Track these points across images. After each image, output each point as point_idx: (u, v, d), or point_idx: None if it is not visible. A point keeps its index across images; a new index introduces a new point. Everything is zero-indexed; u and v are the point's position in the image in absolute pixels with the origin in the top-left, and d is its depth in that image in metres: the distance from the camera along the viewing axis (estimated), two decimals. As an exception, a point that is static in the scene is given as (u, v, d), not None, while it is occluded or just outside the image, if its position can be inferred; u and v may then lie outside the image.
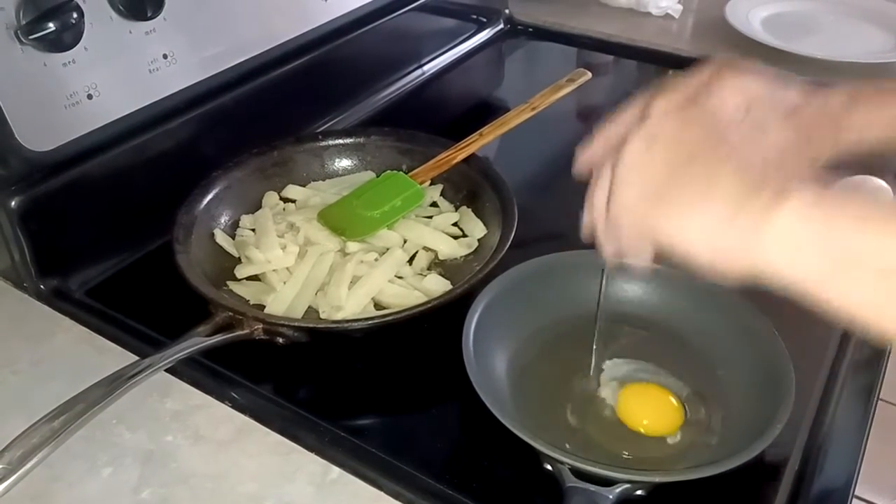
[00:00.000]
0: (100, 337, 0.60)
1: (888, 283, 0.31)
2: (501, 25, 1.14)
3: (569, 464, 0.48)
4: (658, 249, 0.37)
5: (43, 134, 0.60)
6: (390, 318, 0.58)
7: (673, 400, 0.54)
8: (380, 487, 0.49)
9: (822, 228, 0.32)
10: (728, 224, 0.33)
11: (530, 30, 1.14)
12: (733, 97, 0.43)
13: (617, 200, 0.39)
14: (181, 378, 0.57)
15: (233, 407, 0.55)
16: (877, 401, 0.57)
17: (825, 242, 0.32)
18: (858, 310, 0.32)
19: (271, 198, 0.73)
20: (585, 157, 0.43)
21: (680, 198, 0.35)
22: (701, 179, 0.34)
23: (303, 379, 0.60)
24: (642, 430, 0.53)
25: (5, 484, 0.44)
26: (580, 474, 0.47)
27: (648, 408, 0.52)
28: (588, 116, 1.01)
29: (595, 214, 0.41)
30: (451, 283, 0.64)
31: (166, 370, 0.55)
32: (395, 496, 0.49)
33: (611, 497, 0.47)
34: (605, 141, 0.42)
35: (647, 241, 0.38)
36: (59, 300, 0.64)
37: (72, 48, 0.59)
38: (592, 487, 0.47)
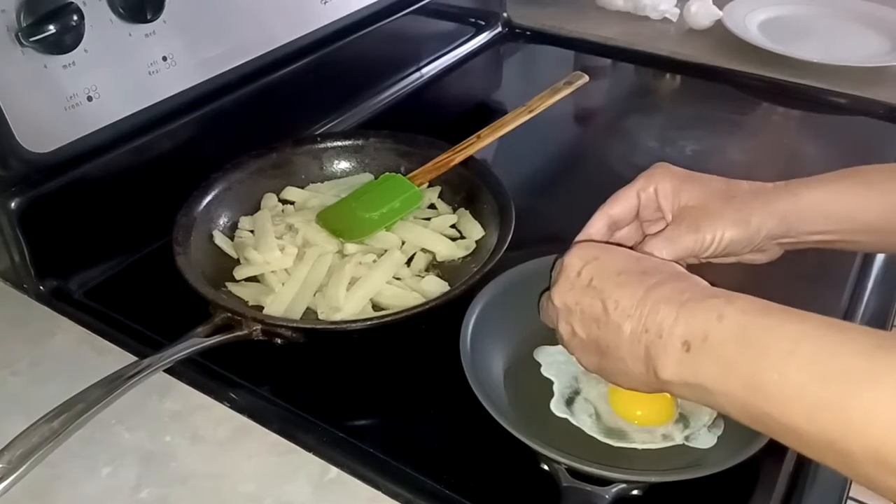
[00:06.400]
0: (99, 338, 0.61)
1: (765, 423, 0.38)
2: (499, 28, 1.14)
3: (565, 464, 0.48)
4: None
5: (43, 135, 0.61)
6: (388, 319, 0.58)
7: None
8: (378, 487, 0.50)
9: (696, 382, 0.41)
10: (647, 378, 0.44)
11: (528, 33, 1.15)
12: (658, 177, 0.54)
13: (582, 366, 0.50)
14: (180, 378, 0.57)
15: (231, 407, 0.55)
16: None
17: (704, 391, 0.41)
18: (756, 429, 0.40)
19: (270, 199, 0.73)
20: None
21: (613, 371, 0.47)
22: (615, 350, 0.45)
23: (301, 379, 0.60)
24: (636, 421, 0.53)
25: (5, 483, 0.45)
26: (577, 474, 0.48)
27: (642, 397, 0.52)
28: (585, 119, 1.01)
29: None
30: (449, 285, 0.64)
31: (165, 371, 0.55)
32: (393, 496, 0.49)
33: (607, 497, 0.47)
34: (548, 315, 0.52)
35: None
36: (59, 301, 0.65)
37: (72, 50, 0.60)
38: (589, 487, 0.47)
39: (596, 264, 0.48)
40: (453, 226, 0.71)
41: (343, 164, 0.77)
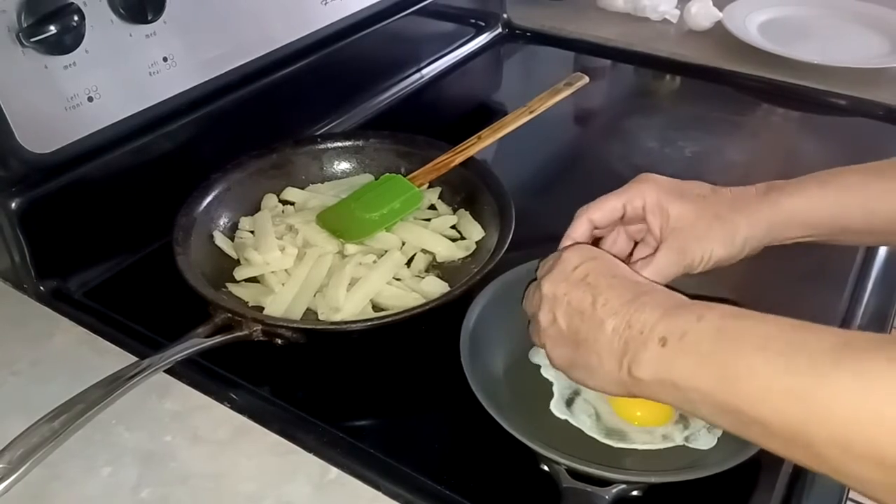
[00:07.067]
0: (99, 338, 0.61)
1: (733, 419, 0.39)
2: (500, 29, 1.14)
3: (565, 464, 0.48)
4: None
5: (43, 136, 0.61)
6: (388, 319, 0.58)
7: None
8: (378, 488, 0.50)
9: (670, 377, 0.42)
10: (618, 377, 0.45)
11: (528, 34, 1.15)
12: (644, 189, 0.54)
13: (550, 359, 0.50)
14: (180, 379, 0.57)
15: (231, 408, 0.55)
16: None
17: (676, 387, 0.41)
18: (725, 430, 0.42)
19: (270, 200, 0.73)
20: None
21: (584, 365, 0.47)
22: (591, 345, 0.46)
23: (301, 380, 0.60)
24: (636, 422, 0.53)
25: (5, 483, 0.45)
26: (576, 475, 0.48)
27: (641, 398, 0.52)
28: (586, 120, 1.01)
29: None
30: (449, 285, 0.64)
31: (165, 371, 0.55)
32: (393, 496, 0.49)
33: (607, 497, 0.47)
34: (531, 302, 0.52)
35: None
36: (59, 301, 0.65)
37: (72, 51, 0.60)
38: (589, 488, 0.47)
39: (593, 263, 0.49)
40: (453, 226, 0.71)
41: (343, 165, 0.78)
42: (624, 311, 0.45)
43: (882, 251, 0.71)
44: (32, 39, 0.57)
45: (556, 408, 0.55)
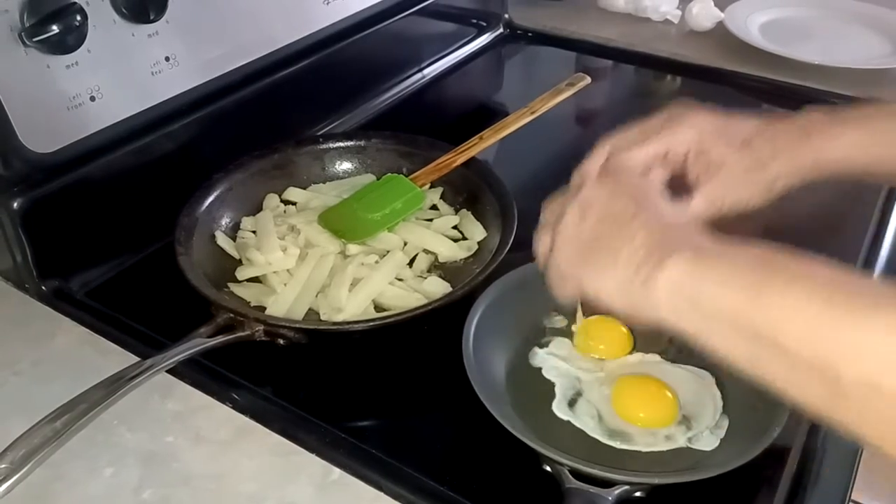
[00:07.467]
0: (101, 338, 0.61)
1: (753, 344, 0.36)
2: (501, 30, 1.14)
3: (568, 465, 0.48)
4: (585, 297, 0.45)
5: (45, 136, 0.61)
6: (390, 319, 0.58)
7: (668, 392, 0.54)
8: (380, 488, 0.49)
9: (693, 290, 0.38)
10: (629, 284, 0.41)
11: (530, 34, 1.15)
12: (686, 134, 0.54)
13: (555, 258, 0.47)
14: (182, 379, 0.57)
15: (233, 408, 0.55)
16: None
17: (696, 301, 0.38)
18: (735, 362, 0.38)
19: (272, 200, 0.73)
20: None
21: (597, 262, 0.44)
22: (614, 247, 0.42)
23: (303, 380, 0.60)
24: (638, 423, 0.53)
25: (7, 484, 0.45)
26: (579, 475, 0.48)
27: (644, 400, 0.52)
28: (587, 120, 1.01)
29: (541, 260, 0.49)
30: (451, 286, 0.64)
31: (167, 371, 0.55)
32: (396, 497, 0.49)
33: (610, 498, 0.47)
34: (552, 210, 0.50)
35: (576, 290, 0.46)
36: (61, 301, 0.65)
37: (75, 50, 0.60)
38: (592, 489, 0.47)
39: (646, 189, 0.48)
40: (455, 227, 0.71)
41: (345, 165, 0.78)
42: (663, 229, 0.42)
43: (884, 250, 0.72)
44: (35, 39, 0.57)
45: (559, 409, 0.54)
